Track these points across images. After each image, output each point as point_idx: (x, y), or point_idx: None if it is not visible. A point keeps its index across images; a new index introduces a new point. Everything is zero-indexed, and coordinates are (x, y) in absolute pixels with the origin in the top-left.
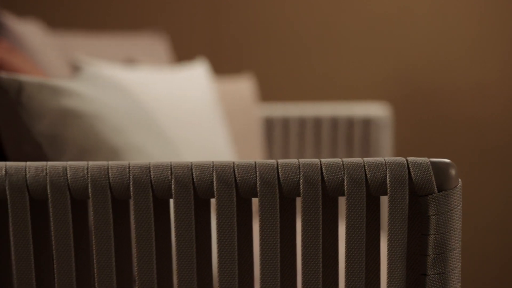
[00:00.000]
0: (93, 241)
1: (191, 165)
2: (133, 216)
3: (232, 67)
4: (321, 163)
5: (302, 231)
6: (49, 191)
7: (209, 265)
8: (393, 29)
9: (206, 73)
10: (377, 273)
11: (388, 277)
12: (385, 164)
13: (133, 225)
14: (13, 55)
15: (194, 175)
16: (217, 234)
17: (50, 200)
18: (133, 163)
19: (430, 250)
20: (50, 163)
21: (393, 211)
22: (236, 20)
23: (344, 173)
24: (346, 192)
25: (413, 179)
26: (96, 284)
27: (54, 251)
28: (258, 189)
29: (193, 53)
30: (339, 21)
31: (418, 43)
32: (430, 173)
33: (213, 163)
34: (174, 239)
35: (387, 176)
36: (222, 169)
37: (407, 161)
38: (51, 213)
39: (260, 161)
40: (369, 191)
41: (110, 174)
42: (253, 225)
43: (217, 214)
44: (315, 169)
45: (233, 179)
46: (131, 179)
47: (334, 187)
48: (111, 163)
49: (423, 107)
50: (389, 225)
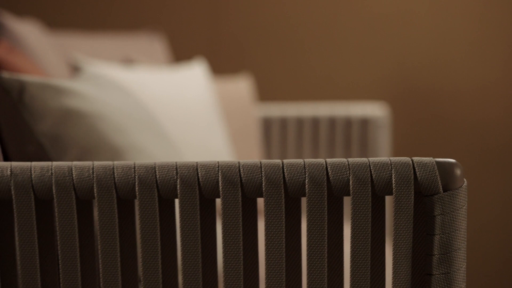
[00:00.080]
0: (99, 241)
1: (197, 165)
2: (139, 216)
3: (230, 67)
4: (326, 163)
5: (307, 231)
6: (54, 191)
7: (214, 265)
8: (392, 29)
9: (204, 73)
10: (382, 273)
11: (393, 277)
12: (391, 164)
13: (138, 225)
14: (13, 55)
15: (199, 175)
16: (223, 234)
17: (55, 200)
18: (138, 163)
19: (435, 250)
20: (55, 163)
21: (399, 211)
22: (234, 20)
23: (349, 173)
24: (351, 192)
25: (419, 179)
26: (101, 284)
27: (59, 251)
28: (263, 189)
29: (192, 53)
30: (337, 21)
31: (416, 43)
32: (435, 173)
33: (218, 163)
34: (179, 239)
35: (393, 176)
36: (227, 169)
37: (412, 161)
38: (57, 213)
39: (265, 161)
40: (375, 191)
41: (115, 174)
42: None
43: (222, 214)
44: (321, 169)
45: (239, 179)
46: (136, 179)
47: (339, 187)
48: (116, 163)
49: (421, 107)
50: (394, 225)
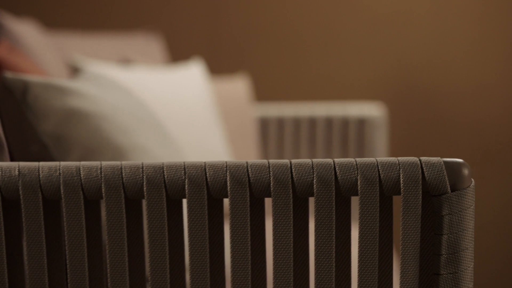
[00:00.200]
0: (106, 241)
1: (205, 165)
2: (146, 216)
3: (227, 67)
4: (334, 163)
5: (315, 231)
6: (62, 191)
7: (222, 265)
8: (389, 29)
9: (201, 73)
10: (390, 273)
11: (401, 277)
12: (399, 164)
13: (146, 225)
14: (14, 54)
15: (207, 175)
16: (231, 233)
17: (63, 200)
18: (146, 163)
19: (443, 249)
20: (63, 163)
21: (407, 210)
22: (231, 20)
23: (357, 173)
24: (359, 192)
25: (427, 179)
26: (109, 283)
27: (67, 251)
28: (271, 188)
29: (190, 53)
30: (335, 21)
31: (414, 43)
32: (443, 173)
33: (226, 163)
34: (187, 239)
35: (401, 176)
36: (235, 169)
37: (420, 161)
38: (64, 213)
39: (273, 161)
40: (382, 191)
41: (123, 174)
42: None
43: (230, 213)
44: (329, 169)
45: (247, 179)
46: (144, 179)
47: (347, 187)
48: (124, 163)
49: (419, 107)
50: (402, 224)
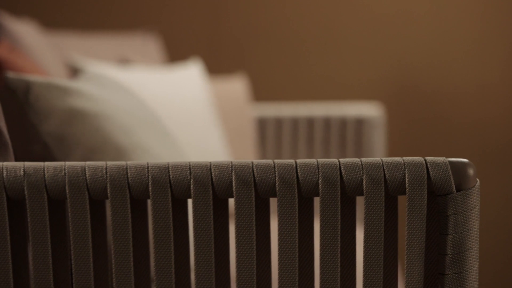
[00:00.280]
0: (112, 241)
1: (210, 165)
2: (152, 216)
3: (225, 67)
4: (339, 162)
5: (320, 231)
6: (67, 191)
7: (227, 265)
8: (387, 29)
9: (200, 72)
10: (395, 273)
11: (406, 276)
12: (404, 164)
13: (152, 225)
14: (15, 54)
15: (213, 175)
16: (236, 233)
17: (68, 200)
18: (151, 163)
19: (448, 249)
20: (68, 163)
21: (412, 210)
22: (229, 20)
23: (363, 172)
24: (365, 191)
25: (432, 178)
26: (114, 284)
27: (72, 251)
28: (277, 188)
29: (188, 53)
30: (333, 21)
31: (412, 43)
32: (448, 172)
33: (232, 163)
34: (192, 239)
35: (406, 175)
36: (241, 169)
37: (425, 161)
38: (70, 213)
39: (279, 161)
40: (388, 190)
41: (128, 174)
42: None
43: (236, 213)
44: (334, 168)
45: (252, 178)
46: (150, 179)
47: (352, 187)
48: (129, 163)
49: (417, 107)
50: (407, 224)
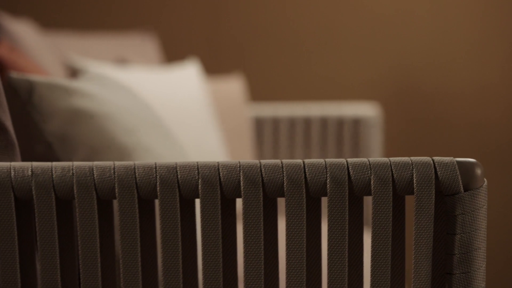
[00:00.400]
0: (119, 240)
1: (218, 165)
2: (160, 216)
3: (222, 67)
4: (347, 162)
5: (328, 231)
6: (75, 191)
7: (235, 265)
8: (386, 29)
9: (197, 73)
10: (402, 272)
11: (413, 276)
12: (412, 163)
13: (159, 225)
14: (15, 54)
15: (221, 175)
16: (244, 233)
17: (76, 200)
18: (159, 163)
19: (456, 249)
20: (76, 163)
21: (420, 210)
22: (226, 21)
23: (371, 172)
24: (372, 191)
25: (440, 178)
26: (121, 283)
27: (79, 251)
28: (285, 188)
29: (188, 53)
30: (331, 21)
31: (410, 44)
32: (456, 172)
33: (239, 162)
34: (200, 239)
35: (414, 175)
36: (249, 169)
37: (433, 160)
38: (78, 213)
39: (286, 160)
40: (396, 190)
41: (136, 174)
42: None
43: (244, 214)
44: (342, 168)
45: (260, 178)
46: (158, 179)
47: (360, 187)
48: (137, 163)
49: (414, 107)
50: (415, 224)
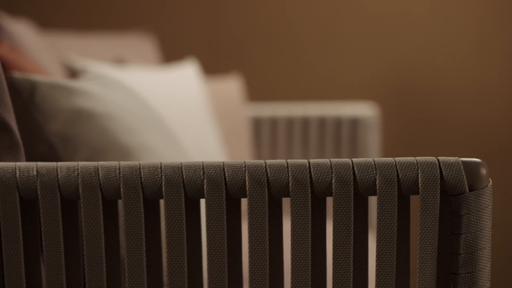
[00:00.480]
0: (124, 240)
1: (223, 165)
2: (165, 216)
3: (220, 67)
4: (352, 162)
5: (333, 231)
6: (80, 191)
7: (240, 265)
8: (384, 29)
9: (196, 73)
10: (407, 272)
11: (418, 276)
12: (417, 163)
13: (165, 225)
14: (15, 54)
15: (226, 175)
16: (249, 233)
17: (81, 200)
18: (164, 163)
19: (461, 249)
20: (81, 163)
21: (425, 210)
22: (225, 20)
23: (376, 172)
24: (378, 191)
25: (445, 178)
26: (127, 283)
27: (84, 251)
28: (290, 188)
29: (187, 52)
30: (329, 21)
31: (408, 44)
32: (461, 172)
33: (244, 162)
34: (205, 239)
35: (419, 175)
36: (254, 169)
37: (438, 160)
38: (83, 213)
39: (292, 160)
40: (401, 190)
41: (142, 174)
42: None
43: (249, 214)
44: (347, 168)
45: (265, 178)
46: (163, 179)
47: (366, 187)
48: (142, 163)
49: (411, 107)
50: (420, 224)
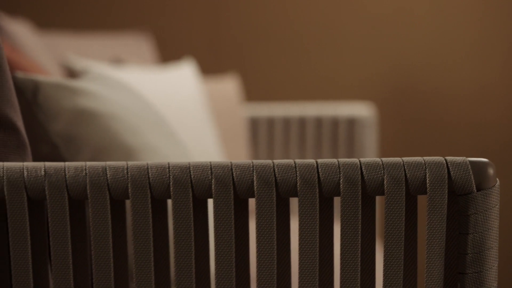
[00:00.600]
0: (132, 240)
1: (231, 165)
2: (173, 215)
3: (218, 67)
4: (360, 162)
5: (341, 231)
6: (88, 191)
7: (247, 265)
8: (382, 29)
9: (193, 73)
10: (414, 272)
11: (426, 276)
12: (425, 163)
13: (172, 225)
14: (16, 54)
15: (234, 175)
16: (257, 233)
17: (89, 200)
18: (172, 163)
19: (468, 248)
20: (89, 163)
21: (432, 210)
22: (224, 21)
23: (384, 172)
24: (386, 191)
25: (453, 178)
26: (134, 283)
27: (92, 251)
28: (298, 188)
29: (185, 52)
30: (327, 21)
31: (406, 44)
32: (469, 172)
33: (252, 162)
34: (213, 238)
35: (427, 175)
36: (262, 169)
37: (446, 160)
38: (91, 213)
39: (299, 160)
40: (408, 190)
41: (150, 174)
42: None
43: (257, 213)
44: (355, 168)
45: (273, 178)
46: (171, 179)
47: (373, 187)
48: (150, 163)
49: (409, 107)
50: (428, 224)
